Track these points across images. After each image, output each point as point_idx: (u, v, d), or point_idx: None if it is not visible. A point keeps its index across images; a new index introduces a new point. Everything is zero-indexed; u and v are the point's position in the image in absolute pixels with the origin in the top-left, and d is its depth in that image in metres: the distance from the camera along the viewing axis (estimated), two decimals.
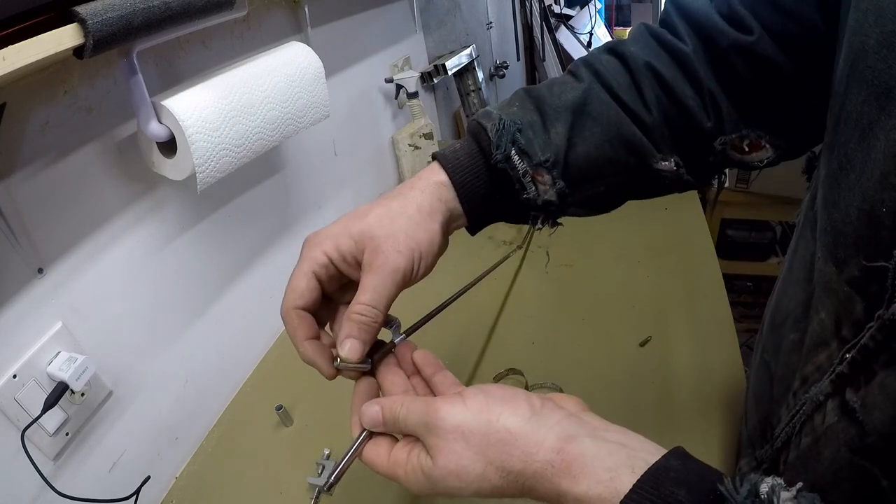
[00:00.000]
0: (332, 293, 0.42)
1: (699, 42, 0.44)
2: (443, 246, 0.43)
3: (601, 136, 0.44)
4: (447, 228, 0.43)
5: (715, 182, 0.49)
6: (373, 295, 0.38)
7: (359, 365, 0.39)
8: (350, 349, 0.38)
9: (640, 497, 0.28)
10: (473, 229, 0.47)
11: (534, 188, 0.43)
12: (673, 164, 0.45)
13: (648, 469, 0.29)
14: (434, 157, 0.44)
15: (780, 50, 0.42)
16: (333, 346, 0.41)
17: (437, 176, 0.43)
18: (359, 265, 0.40)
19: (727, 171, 0.51)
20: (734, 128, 0.45)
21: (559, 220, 0.47)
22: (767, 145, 0.45)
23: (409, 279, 0.40)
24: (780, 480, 0.27)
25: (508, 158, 0.42)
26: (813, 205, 0.39)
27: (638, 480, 0.29)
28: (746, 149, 0.45)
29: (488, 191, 0.44)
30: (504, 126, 0.43)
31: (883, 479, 0.30)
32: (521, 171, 0.42)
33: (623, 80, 0.45)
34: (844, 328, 0.33)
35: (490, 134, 0.43)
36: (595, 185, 0.45)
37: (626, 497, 0.28)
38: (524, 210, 0.45)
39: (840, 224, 0.33)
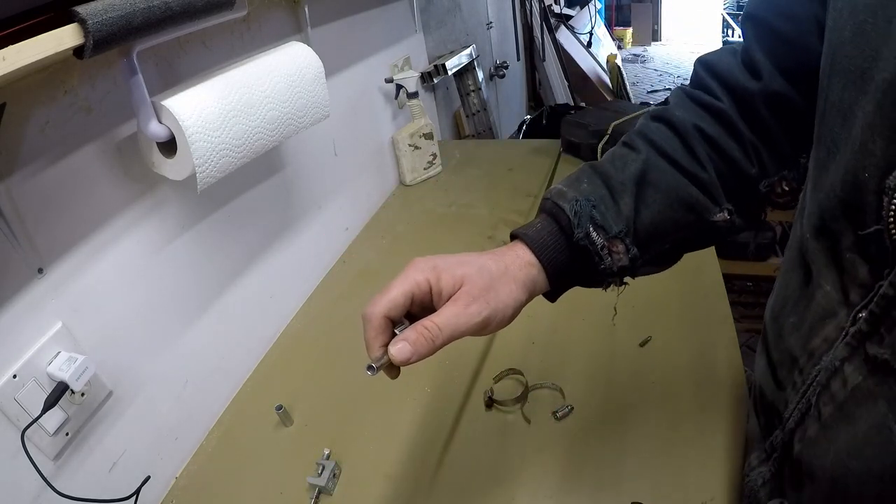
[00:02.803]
0: (413, 313, 0.45)
1: (731, 98, 0.49)
2: (516, 316, 0.46)
3: (662, 202, 0.48)
4: (528, 301, 0.47)
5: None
6: (446, 322, 0.41)
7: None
8: (400, 349, 0.40)
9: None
10: (553, 297, 0.52)
11: (609, 258, 0.47)
12: (727, 213, 0.49)
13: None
14: (518, 237, 0.48)
15: (789, 84, 0.46)
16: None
17: (526, 256, 0.47)
18: (448, 300, 0.43)
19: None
20: (775, 170, 0.50)
21: (625, 281, 0.51)
22: (793, 184, 0.50)
23: (480, 329, 0.43)
24: None
25: (588, 235, 0.46)
26: (804, 197, 0.42)
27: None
28: (786, 188, 0.50)
29: (569, 264, 0.48)
30: (581, 206, 0.47)
31: None
32: (598, 245, 0.46)
33: (676, 145, 0.49)
34: (852, 293, 0.34)
35: (569, 214, 0.47)
36: (661, 245, 0.50)
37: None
38: (601, 277, 0.49)
39: (826, 200, 0.36)
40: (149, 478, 0.66)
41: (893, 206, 0.29)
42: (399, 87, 1.26)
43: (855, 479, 0.33)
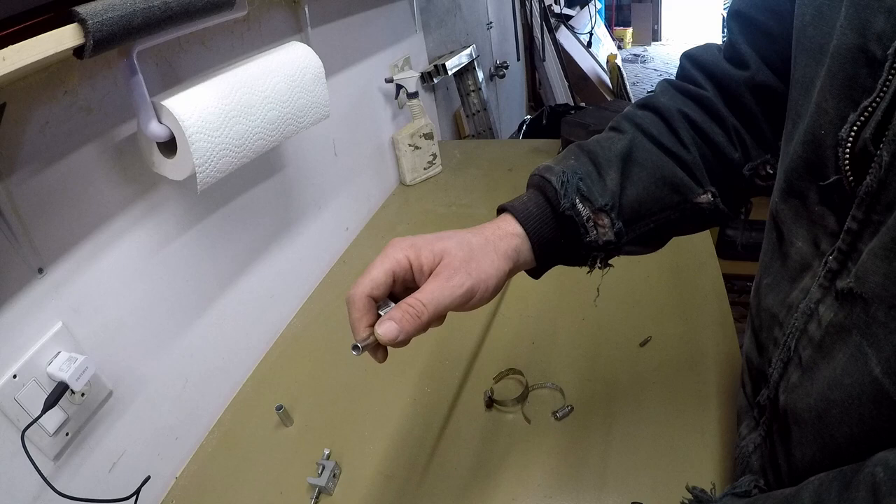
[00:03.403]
0: (396, 294, 0.45)
1: (714, 87, 0.51)
2: (500, 288, 0.46)
3: (647, 179, 0.49)
4: (512, 273, 0.47)
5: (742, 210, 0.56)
6: (430, 297, 0.41)
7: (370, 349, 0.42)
8: (387, 329, 0.40)
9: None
10: (538, 274, 0.51)
11: (595, 231, 0.48)
12: (710, 195, 0.50)
13: None
14: (504, 209, 0.49)
15: (774, 76, 0.48)
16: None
17: (510, 226, 0.47)
18: (429, 275, 0.43)
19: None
20: (757, 154, 0.51)
21: (610, 263, 0.51)
22: (776, 168, 0.51)
23: (464, 302, 0.43)
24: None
25: (574, 206, 0.47)
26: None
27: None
28: (770, 171, 0.51)
29: (555, 237, 0.48)
30: (568, 178, 0.47)
31: (876, 367, 0.31)
32: (584, 217, 0.47)
33: (661, 128, 0.51)
34: (823, 243, 0.37)
35: (556, 185, 0.47)
36: (646, 223, 0.50)
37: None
38: (586, 251, 0.49)
39: (791, 163, 0.39)
40: (149, 478, 0.66)
41: (847, 154, 0.33)
42: (399, 87, 1.26)
43: (837, 408, 0.34)
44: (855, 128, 0.32)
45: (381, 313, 0.42)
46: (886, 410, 0.31)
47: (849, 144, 0.32)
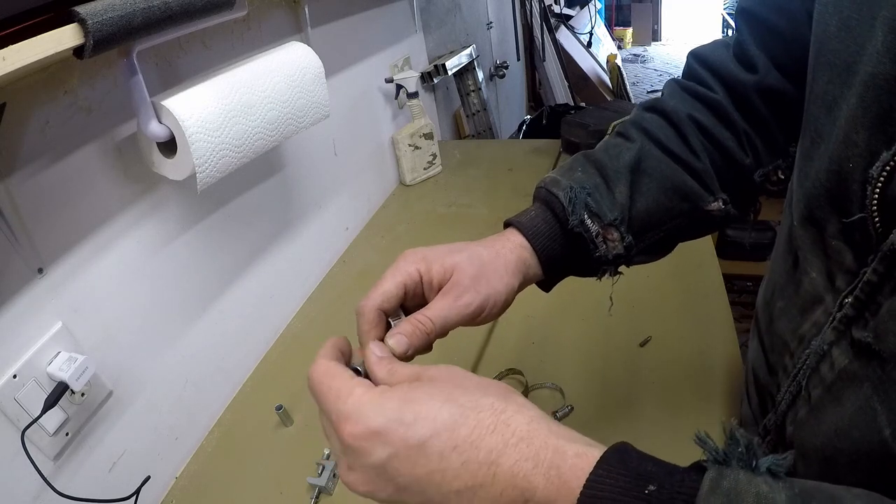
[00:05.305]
0: (406, 307, 0.45)
1: (724, 89, 0.49)
2: (510, 303, 0.45)
3: (657, 190, 0.48)
4: (521, 287, 0.46)
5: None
6: (438, 313, 0.41)
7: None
8: (397, 342, 0.40)
9: (609, 469, 0.29)
10: (547, 287, 0.51)
11: (604, 246, 0.47)
12: (721, 203, 0.49)
13: (611, 447, 0.31)
14: (511, 224, 0.48)
15: (784, 78, 0.47)
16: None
17: (518, 239, 0.47)
18: (439, 291, 0.43)
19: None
20: (769, 160, 0.50)
21: (620, 271, 0.50)
22: (787, 173, 0.50)
23: (474, 318, 0.42)
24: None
25: (582, 222, 0.46)
26: (791, 186, 0.43)
27: (604, 453, 0.30)
28: (782, 176, 0.50)
29: (564, 253, 0.48)
30: (576, 194, 0.46)
31: (885, 427, 0.31)
32: (594, 233, 0.46)
33: (670, 134, 0.49)
34: (838, 279, 0.36)
35: (563, 201, 0.46)
36: (656, 233, 0.49)
37: (597, 464, 0.30)
38: (596, 265, 0.48)
39: (812, 189, 0.36)
40: (149, 478, 0.66)
41: (877, 195, 0.30)
42: (399, 87, 1.26)
43: (845, 458, 0.34)
44: (888, 168, 0.30)
45: (393, 324, 0.42)
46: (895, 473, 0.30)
47: (879, 184, 0.30)
